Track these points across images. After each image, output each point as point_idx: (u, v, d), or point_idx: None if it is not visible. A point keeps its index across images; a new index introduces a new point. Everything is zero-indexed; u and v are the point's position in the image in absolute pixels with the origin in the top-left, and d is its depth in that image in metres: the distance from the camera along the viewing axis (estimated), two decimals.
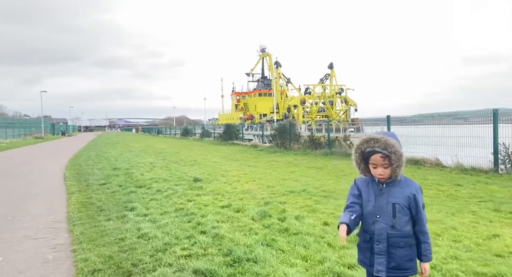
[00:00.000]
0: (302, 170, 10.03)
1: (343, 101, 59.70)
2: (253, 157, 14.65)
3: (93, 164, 13.43)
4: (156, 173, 10.29)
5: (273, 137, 18.09)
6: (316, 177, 8.51)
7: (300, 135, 16.50)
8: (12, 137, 37.26)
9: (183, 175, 9.65)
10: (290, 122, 16.73)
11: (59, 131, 70.20)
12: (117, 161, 14.39)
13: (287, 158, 13.59)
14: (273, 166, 11.34)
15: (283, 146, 16.71)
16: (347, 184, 7.29)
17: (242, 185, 7.68)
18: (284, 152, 15.82)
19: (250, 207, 5.47)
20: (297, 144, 15.67)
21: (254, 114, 71.30)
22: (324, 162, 11.75)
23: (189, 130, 36.92)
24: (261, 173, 9.62)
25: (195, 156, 15.94)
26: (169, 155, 16.98)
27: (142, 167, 11.85)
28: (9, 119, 42.27)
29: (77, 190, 8.08)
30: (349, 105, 59.71)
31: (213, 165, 12.12)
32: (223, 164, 12.49)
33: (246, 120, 70.52)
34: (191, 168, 11.53)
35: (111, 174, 10.23)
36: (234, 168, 11.04)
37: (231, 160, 14.01)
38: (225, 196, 6.58)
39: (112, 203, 6.52)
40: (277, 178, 8.60)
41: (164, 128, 64.55)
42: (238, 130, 24.89)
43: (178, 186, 7.99)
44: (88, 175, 10.46)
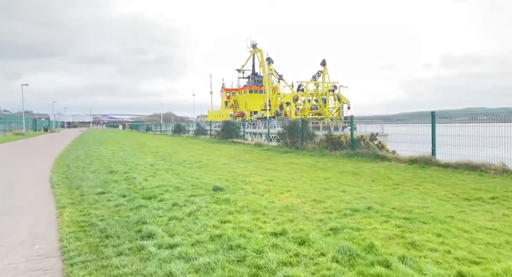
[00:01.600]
0: (336, 176, 8.59)
1: (336, 98, 58.75)
2: (265, 158, 13.16)
3: (84, 165, 11.70)
4: (163, 178, 8.70)
5: (282, 135, 16.62)
6: (363, 186, 7.07)
7: (314, 133, 15.06)
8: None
9: (196, 182, 8.09)
10: (303, 119, 15.23)
11: (41, 127, 67.12)
12: (111, 162, 12.68)
13: (305, 159, 12.14)
14: (296, 170, 9.87)
15: (293, 146, 15.28)
16: (417, 199, 5.90)
17: (278, 198, 6.20)
18: (297, 152, 14.38)
19: (316, 236, 3.98)
20: (311, 144, 14.26)
21: (244, 111, 70.02)
22: (354, 165, 10.31)
23: (181, 127, 35.10)
24: (289, 180, 8.15)
25: (198, 157, 14.35)
26: (168, 154, 15.34)
27: (143, 170, 10.22)
28: None
29: (70, 202, 6.45)
30: (342, 102, 58.83)
31: (224, 168, 10.58)
32: (236, 166, 10.97)
33: (236, 117, 69.18)
34: (201, 171, 9.98)
35: (108, 180, 8.59)
36: (251, 172, 9.54)
37: (242, 161, 12.49)
38: (266, 215, 5.08)
39: (119, 223, 4.95)
40: (315, 187, 7.13)
41: (153, 125, 62.27)
42: (239, 128, 23.33)
43: (197, 197, 6.45)
44: (80, 180, 8.79)
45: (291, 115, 53.17)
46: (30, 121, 60.55)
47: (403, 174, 8.48)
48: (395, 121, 17.56)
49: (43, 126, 68.34)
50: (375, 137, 12.00)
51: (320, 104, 57.34)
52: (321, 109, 57.12)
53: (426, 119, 11.52)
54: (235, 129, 22.88)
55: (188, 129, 35.06)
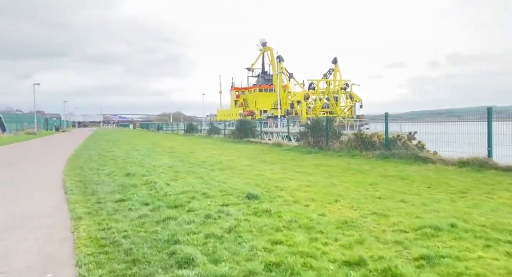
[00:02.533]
0: (381, 181, 7.63)
1: (348, 97, 57.49)
2: (289, 159, 12.25)
3: (98, 167, 10.95)
4: (186, 182, 7.85)
5: (303, 135, 15.68)
6: (423, 195, 6.08)
7: (341, 132, 14.05)
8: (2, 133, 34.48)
9: (224, 187, 7.23)
10: (328, 117, 14.21)
11: (53, 127, 67.23)
12: (126, 163, 11.92)
13: (335, 161, 11.19)
14: (331, 173, 8.94)
15: (317, 146, 14.33)
16: (505, 212, 4.89)
17: (327, 209, 5.29)
18: (322, 153, 13.43)
19: (407, 269, 3.04)
20: (338, 144, 13.30)
21: (254, 110, 69.32)
22: (395, 168, 9.27)
23: (194, 126, 34.34)
24: (329, 186, 7.23)
25: (216, 157, 13.51)
26: (185, 155, 14.53)
27: (162, 172, 9.40)
28: None
29: (85, 211, 5.65)
30: (354, 101, 57.56)
31: (249, 171, 9.71)
32: (261, 169, 10.09)
33: (245, 116, 68.52)
34: (225, 174, 9.12)
35: (126, 184, 7.78)
36: (282, 176, 8.65)
37: (265, 163, 11.60)
38: (324, 233, 4.17)
39: (146, 242, 4.11)
40: (365, 195, 6.20)
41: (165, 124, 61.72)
42: (255, 127, 22.42)
43: (231, 207, 5.58)
44: (95, 184, 8.00)
45: (302, 114, 52.23)
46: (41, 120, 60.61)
47: (460, 179, 7.49)
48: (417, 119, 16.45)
49: (55, 126, 68.45)
50: (413, 136, 10.97)
51: (332, 103, 56.26)
52: (332, 108, 56.01)
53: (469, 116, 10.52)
54: (251, 128, 21.98)
55: (201, 128, 34.28)
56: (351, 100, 56.50)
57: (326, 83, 55.50)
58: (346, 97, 57.01)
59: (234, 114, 73.20)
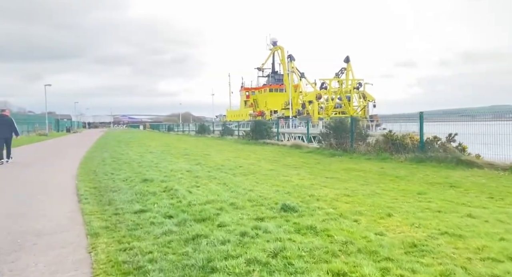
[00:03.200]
0: (429, 189, 6.80)
1: (361, 96, 56.34)
2: (314, 163, 11.47)
3: (112, 171, 10.35)
4: (209, 190, 7.17)
5: (325, 136, 14.88)
6: (492, 208, 5.19)
7: (367, 134, 13.20)
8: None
9: (252, 196, 6.52)
10: (353, 117, 13.34)
11: (64, 128, 67.48)
12: (141, 166, 11.31)
13: (364, 165, 10.39)
14: (366, 179, 8.14)
15: (340, 148, 13.52)
16: None
17: (383, 226, 4.53)
18: (347, 155, 12.62)
19: None
20: (364, 146, 12.48)
21: (264, 110, 68.74)
22: (437, 174, 8.39)
23: (205, 127, 33.72)
24: (371, 195, 6.45)
25: (234, 160, 12.83)
26: (201, 158, 13.88)
27: (181, 178, 8.73)
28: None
29: (103, 225, 4.99)
30: (367, 100, 56.39)
31: (274, 176, 8.98)
32: (287, 174, 9.35)
33: (256, 116, 68.00)
34: (249, 180, 8.42)
35: (144, 191, 7.13)
36: (312, 182, 7.90)
37: (289, 167, 10.86)
38: (395, 261, 3.40)
39: (177, 268, 3.42)
40: (419, 207, 5.41)
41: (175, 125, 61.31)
42: (271, 127, 21.65)
43: (267, 221, 4.87)
44: (111, 191, 7.37)
45: (313, 114, 51.36)
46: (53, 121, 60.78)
47: None
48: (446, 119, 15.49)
49: (66, 127, 68.70)
50: (453, 138, 10.09)
51: (344, 102, 55.22)
52: (345, 108, 55.00)
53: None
54: (267, 129, 21.23)
55: (213, 129, 33.64)
56: (364, 100, 55.37)
57: (338, 82, 54.53)
58: (359, 97, 55.91)
59: (244, 115, 72.70)
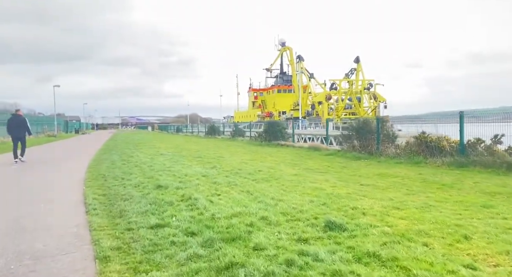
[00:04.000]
0: (492, 200, 5.81)
1: (372, 97, 55.23)
2: (340, 167, 10.55)
3: (122, 175, 9.58)
4: (233, 199, 6.33)
5: (347, 137, 13.92)
6: None
7: (396, 135, 12.19)
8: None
9: (284, 207, 5.67)
10: (379, 118, 12.31)
11: (73, 129, 67.35)
12: (153, 170, 10.52)
13: (399, 170, 9.43)
14: (410, 187, 7.17)
15: (364, 150, 12.57)
16: None
17: (467, 254, 3.62)
18: (374, 159, 11.65)
19: None
20: (392, 148, 11.52)
21: (272, 111, 68.05)
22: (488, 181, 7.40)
23: (216, 128, 32.93)
24: (427, 208, 5.51)
25: (251, 163, 11.98)
26: (215, 161, 13.06)
27: (199, 184, 7.90)
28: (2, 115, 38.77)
29: (114, 245, 4.18)
30: (378, 101, 55.22)
31: (301, 182, 8.11)
32: (314, 180, 8.47)
33: (264, 117, 67.44)
34: (273, 187, 7.57)
35: (159, 200, 6.32)
36: (348, 191, 7.01)
37: (313, 171, 9.97)
38: None
39: None
40: (498, 226, 4.46)
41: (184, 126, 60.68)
42: (285, 128, 20.74)
43: (312, 244, 4.02)
44: (122, 200, 6.58)
45: (323, 115, 50.44)
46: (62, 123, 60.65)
47: None
48: None
49: (74, 128, 68.55)
50: (499, 140, 9.11)
51: (355, 103, 54.15)
52: (355, 109, 53.95)
53: None
54: (281, 130, 20.35)
55: (224, 130, 32.82)
56: (375, 101, 54.27)
57: (349, 83, 53.54)
58: (370, 98, 54.88)
59: (252, 116, 72.08)
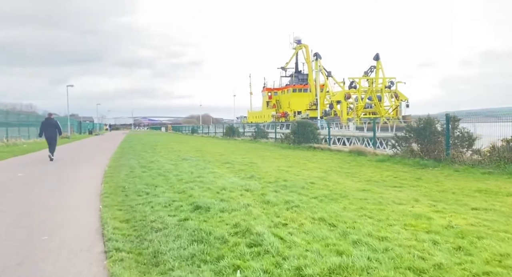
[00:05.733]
0: None
1: (393, 96, 52.78)
2: (412, 178, 8.49)
3: (146, 189, 7.78)
4: (312, 235, 4.42)
5: (401, 140, 11.84)
6: None
7: (474, 138, 9.96)
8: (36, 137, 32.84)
9: (406, 257, 3.76)
10: (449, 115, 10.16)
11: (86, 130, 66.60)
12: (181, 180, 8.70)
13: (500, 184, 7.41)
14: None
15: (428, 156, 10.51)
16: None
17: None
18: (445, 166, 9.56)
19: None
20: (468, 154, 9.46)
21: (287, 111, 66.25)
22: None
23: (235, 129, 31.15)
24: None
25: (295, 172, 10.08)
26: (249, 168, 11.20)
27: (248, 204, 6.00)
28: (31, 117, 37.87)
29: None
30: (400, 100, 52.75)
31: (383, 204, 6.17)
32: (396, 199, 6.51)
33: (279, 118, 65.85)
34: (346, 209, 5.66)
35: (205, 234, 4.46)
36: (466, 220, 5.05)
37: (383, 185, 7.98)
38: None
39: None
40: None
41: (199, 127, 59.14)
42: (317, 129, 18.74)
43: None
44: (153, 230, 4.76)
45: (342, 115, 48.34)
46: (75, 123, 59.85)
47: None
48: None
49: (88, 129, 67.83)
50: None
51: (375, 102, 51.83)
52: (376, 108, 51.63)
53: None
54: (312, 131, 18.36)
55: (244, 131, 31.00)
56: (397, 99, 51.85)
57: (368, 81, 51.28)
58: (391, 96, 52.50)
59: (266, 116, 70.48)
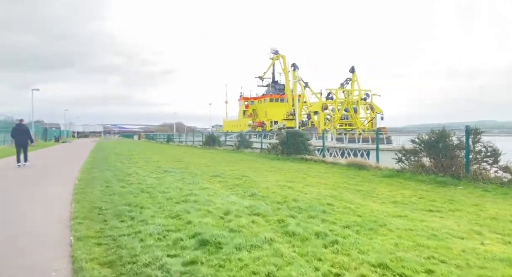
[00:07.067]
0: None
1: (369, 107, 53.55)
2: (444, 201, 7.47)
3: (130, 211, 6.28)
4: None
5: (409, 154, 10.86)
6: None
7: (499, 152, 8.94)
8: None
9: None
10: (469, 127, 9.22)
11: (52, 137, 62.58)
12: (170, 199, 7.24)
13: None
14: None
15: (444, 172, 9.54)
16: None
17: None
18: (468, 184, 8.57)
19: None
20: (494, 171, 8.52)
21: (264, 121, 65.82)
22: None
23: (215, 138, 29.60)
24: None
25: (298, 188, 8.87)
26: (243, 182, 9.87)
27: (271, 240, 4.71)
28: None
29: None
30: (375, 112, 53.53)
31: (442, 238, 5.07)
32: (451, 231, 5.43)
33: (255, 127, 65.44)
34: (400, 246, 4.50)
35: None
36: None
37: (416, 209, 6.92)
38: None
39: None
40: None
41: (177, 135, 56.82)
42: (308, 140, 17.61)
43: None
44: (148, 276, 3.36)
45: (319, 126, 48.33)
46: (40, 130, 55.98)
47: None
48: None
49: (54, 136, 63.75)
50: None
51: (351, 114, 52.32)
52: (352, 119, 52.12)
53: None
54: (304, 141, 17.27)
55: (226, 140, 29.47)
56: (372, 112, 52.56)
57: (344, 92, 51.76)
58: (366, 108, 53.21)
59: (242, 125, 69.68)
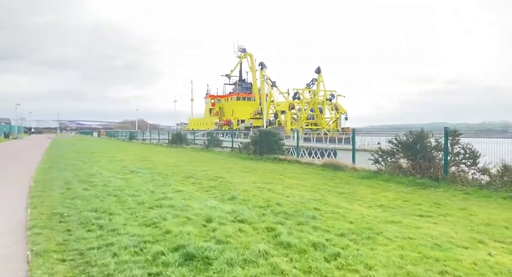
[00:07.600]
0: None
1: (333, 108, 54.74)
2: (431, 204, 7.27)
3: (97, 218, 5.43)
4: None
5: (388, 154, 10.72)
6: None
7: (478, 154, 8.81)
8: None
9: None
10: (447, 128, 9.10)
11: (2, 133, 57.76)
12: (142, 204, 6.46)
13: None
14: None
15: (422, 174, 9.50)
16: None
17: None
18: (448, 187, 8.55)
19: None
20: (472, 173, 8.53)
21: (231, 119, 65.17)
22: None
23: (182, 136, 28.46)
24: None
25: (277, 190, 8.38)
26: (218, 184, 9.22)
27: (265, 252, 4.08)
28: None
29: None
30: (339, 113, 54.83)
31: (444, 248, 4.76)
32: (452, 241, 5.13)
33: (222, 125, 64.67)
34: (406, 259, 4.12)
35: None
36: None
37: (408, 214, 6.64)
38: None
39: None
40: None
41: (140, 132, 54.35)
42: (281, 139, 17.20)
43: None
44: None
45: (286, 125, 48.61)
46: None
47: None
48: None
49: (4, 132, 58.88)
50: None
51: (317, 114, 53.17)
52: (317, 119, 52.95)
53: None
54: (277, 141, 16.85)
55: (194, 139, 28.41)
56: (337, 112, 53.67)
57: (311, 93, 52.45)
58: (331, 109, 54.24)
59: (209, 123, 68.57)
